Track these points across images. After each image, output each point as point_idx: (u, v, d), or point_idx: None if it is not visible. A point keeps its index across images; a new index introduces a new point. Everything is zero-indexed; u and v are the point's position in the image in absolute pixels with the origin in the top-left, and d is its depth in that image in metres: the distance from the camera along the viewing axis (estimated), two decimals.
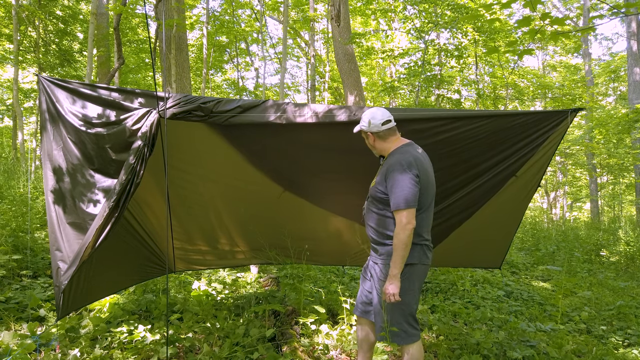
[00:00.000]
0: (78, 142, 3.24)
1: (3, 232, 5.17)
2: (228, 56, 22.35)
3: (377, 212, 2.93)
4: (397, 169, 2.77)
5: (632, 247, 9.23)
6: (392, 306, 2.78)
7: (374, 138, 2.96)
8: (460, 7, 13.04)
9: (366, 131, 2.96)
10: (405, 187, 2.72)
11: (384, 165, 2.92)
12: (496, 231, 4.25)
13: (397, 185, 2.74)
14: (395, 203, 2.73)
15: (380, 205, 2.91)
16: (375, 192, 2.93)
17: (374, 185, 2.96)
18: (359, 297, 3.13)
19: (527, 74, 19.43)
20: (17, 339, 3.32)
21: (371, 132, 2.94)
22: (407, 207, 2.70)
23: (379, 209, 2.91)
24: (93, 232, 2.97)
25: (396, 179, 2.75)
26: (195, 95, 3.49)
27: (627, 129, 13.26)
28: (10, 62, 14.70)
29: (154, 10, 9.13)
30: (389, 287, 2.70)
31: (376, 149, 3.02)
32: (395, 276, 2.70)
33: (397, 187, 2.74)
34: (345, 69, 11.20)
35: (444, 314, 4.93)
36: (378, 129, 2.92)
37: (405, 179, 2.73)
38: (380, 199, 2.89)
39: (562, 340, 4.25)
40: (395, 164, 2.80)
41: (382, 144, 2.97)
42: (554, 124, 3.41)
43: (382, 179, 2.87)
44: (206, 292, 4.63)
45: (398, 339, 2.82)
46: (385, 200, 2.86)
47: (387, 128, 2.93)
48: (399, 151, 2.91)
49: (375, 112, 2.96)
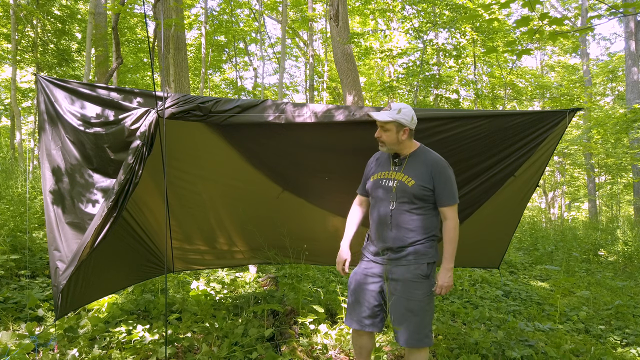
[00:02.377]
0: (77, 142, 3.23)
1: (1, 232, 5.16)
2: (226, 56, 22.35)
3: (416, 212, 2.83)
4: (445, 166, 2.86)
5: (630, 247, 9.25)
6: (424, 308, 2.77)
7: (408, 135, 2.90)
8: (458, 7, 13.06)
9: (406, 125, 2.85)
10: (453, 183, 2.85)
11: (418, 163, 2.87)
12: (495, 231, 4.26)
13: (450, 181, 2.84)
14: (451, 198, 2.82)
15: (421, 203, 2.83)
16: (419, 190, 2.81)
17: (415, 184, 2.82)
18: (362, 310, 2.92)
19: (526, 74, 19.49)
20: (16, 339, 3.32)
21: (410, 129, 2.89)
22: (456, 202, 2.85)
23: (419, 208, 2.84)
24: (92, 232, 2.96)
25: (449, 175, 2.84)
26: (193, 95, 3.49)
27: (625, 129, 13.28)
28: (8, 62, 14.67)
29: (153, 10, 9.12)
30: (447, 280, 2.77)
31: (400, 145, 2.91)
32: (451, 269, 2.78)
33: (450, 183, 2.83)
34: (344, 68, 11.20)
35: (442, 314, 4.94)
36: (415, 126, 2.92)
37: (452, 175, 2.86)
38: (423, 197, 2.83)
39: (561, 340, 4.26)
40: (441, 162, 2.87)
41: (409, 141, 2.93)
42: (553, 124, 3.41)
43: (427, 177, 2.82)
44: (205, 292, 4.63)
45: (427, 341, 2.80)
46: (429, 197, 2.83)
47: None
48: (428, 150, 2.96)
49: (411, 109, 2.94)
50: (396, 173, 2.91)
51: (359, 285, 2.96)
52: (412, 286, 2.76)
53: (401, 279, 2.80)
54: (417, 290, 2.77)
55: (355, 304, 2.96)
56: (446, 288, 2.78)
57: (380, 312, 2.91)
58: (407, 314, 2.76)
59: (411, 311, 2.75)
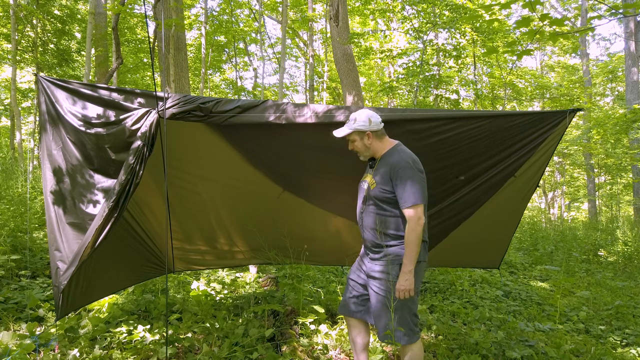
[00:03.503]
0: (77, 142, 3.23)
1: (2, 232, 5.16)
2: (226, 56, 22.35)
3: (383, 214, 2.89)
4: (405, 166, 2.79)
5: (630, 247, 9.26)
6: (400, 305, 2.78)
7: (373, 138, 2.94)
8: (458, 7, 13.06)
9: (365, 130, 2.92)
10: (416, 184, 2.76)
11: (383, 166, 2.91)
12: (495, 231, 4.26)
13: (409, 182, 2.76)
14: (409, 200, 2.74)
15: (384, 205, 2.88)
16: (379, 192, 2.88)
17: (376, 187, 2.90)
18: (348, 296, 3.11)
19: (525, 74, 19.49)
20: (17, 339, 3.32)
21: (372, 131, 2.92)
22: (419, 203, 2.74)
23: (385, 210, 2.88)
24: (92, 232, 2.97)
25: (407, 176, 2.77)
26: (194, 95, 3.50)
27: (625, 129, 13.28)
28: (8, 62, 14.66)
29: (153, 10, 9.12)
30: (404, 283, 2.73)
31: (370, 150, 2.98)
32: (410, 272, 2.73)
33: (408, 184, 2.75)
34: (344, 69, 11.20)
35: (442, 314, 4.94)
36: (378, 127, 2.94)
37: (415, 176, 2.77)
38: (385, 199, 2.87)
39: (561, 340, 4.27)
40: (400, 162, 2.82)
41: (378, 143, 2.97)
42: (553, 124, 3.42)
43: (386, 178, 2.85)
44: (205, 292, 4.63)
45: (405, 339, 2.81)
46: (391, 199, 2.84)
47: (383, 127, 2.98)
48: (397, 150, 2.92)
49: (371, 112, 2.97)
50: (369, 175, 3.01)
51: (350, 274, 3.16)
52: (386, 284, 2.83)
53: (377, 277, 2.89)
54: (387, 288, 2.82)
55: (345, 291, 3.16)
56: (403, 292, 2.74)
57: (367, 302, 3.03)
58: (384, 310, 2.83)
59: (385, 307, 2.82)
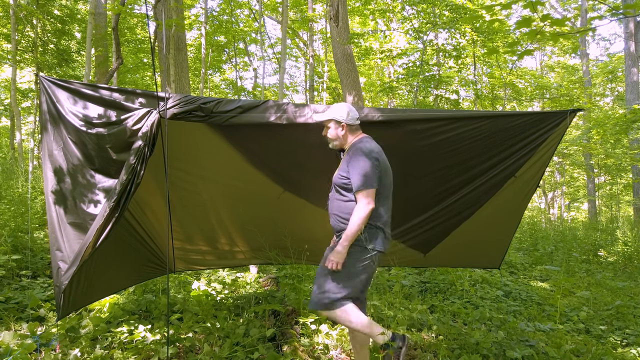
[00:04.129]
0: (79, 142, 3.24)
1: (2, 232, 5.17)
2: (226, 56, 22.35)
3: (342, 200, 3.06)
4: (358, 154, 2.97)
5: (630, 247, 9.26)
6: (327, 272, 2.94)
7: (347, 130, 3.11)
8: (458, 7, 13.05)
9: (342, 121, 3.08)
10: (365, 169, 2.90)
11: (347, 155, 3.07)
12: (495, 231, 4.27)
13: (358, 167, 2.92)
14: (357, 184, 2.91)
15: (344, 191, 3.04)
16: (338, 179, 3.07)
17: (337, 173, 3.10)
18: None
19: (525, 75, 19.48)
20: (18, 339, 3.32)
21: (347, 124, 3.10)
22: (367, 187, 2.89)
23: (343, 196, 3.05)
24: (94, 232, 2.97)
25: (358, 163, 2.94)
26: (195, 95, 3.50)
27: (625, 130, 13.28)
28: (8, 62, 14.67)
29: (153, 10, 9.12)
30: (335, 256, 2.89)
31: (340, 140, 3.15)
32: (344, 247, 2.88)
33: (358, 169, 2.92)
34: (344, 69, 11.20)
35: (443, 314, 4.95)
36: (354, 122, 3.12)
37: (365, 162, 2.92)
38: (343, 186, 3.03)
39: (561, 340, 4.27)
40: (356, 151, 2.99)
41: (349, 136, 3.14)
42: (553, 124, 3.43)
43: (345, 166, 3.03)
44: (206, 292, 4.63)
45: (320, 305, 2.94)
46: (348, 186, 3.00)
47: (358, 124, 3.15)
48: (360, 141, 3.09)
49: (351, 106, 3.16)
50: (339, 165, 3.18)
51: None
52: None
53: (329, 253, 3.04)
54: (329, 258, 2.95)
55: None
56: (331, 263, 2.90)
57: None
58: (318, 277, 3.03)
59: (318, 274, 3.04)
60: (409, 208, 4.08)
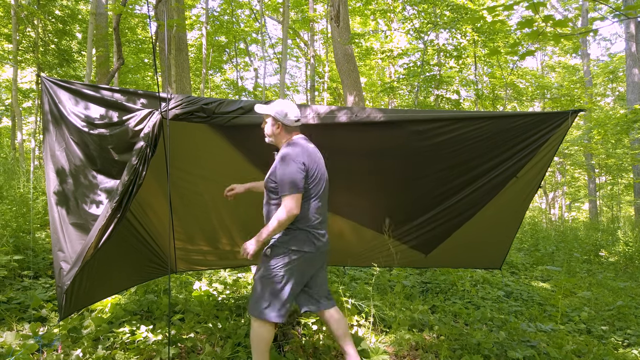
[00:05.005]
0: (80, 143, 3.24)
1: (4, 232, 5.17)
2: (227, 56, 22.37)
3: (272, 204, 3.08)
4: (284, 158, 2.97)
5: (631, 248, 9.26)
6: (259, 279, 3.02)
7: (282, 129, 3.09)
8: (459, 7, 13.05)
9: (278, 120, 3.07)
10: (290, 174, 2.90)
11: (276, 158, 3.08)
12: (497, 232, 4.27)
13: (283, 172, 2.92)
14: (282, 189, 2.92)
15: (273, 195, 3.05)
16: (268, 183, 3.09)
17: (267, 177, 3.12)
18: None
19: (526, 75, 19.49)
20: (20, 340, 3.33)
21: (283, 124, 3.08)
22: (291, 192, 2.89)
23: (273, 199, 3.06)
24: (96, 233, 2.98)
25: (283, 167, 2.94)
26: (197, 96, 3.51)
27: (626, 130, 13.26)
28: (9, 62, 14.68)
29: (154, 11, 9.13)
30: (248, 245, 2.98)
31: (275, 138, 3.14)
32: (259, 241, 2.97)
33: (284, 174, 2.92)
34: (345, 69, 11.21)
35: (444, 314, 4.95)
36: (290, 124, 3.09)
37: (290, 166, 2.91)
38: (272, 189, 3.05)
39: (563, 341, 4.27)
40: (284, 155, 2.99)
41: (284, 135, 3.11)
42: (555, 125, 3.42)
43: (273, 169, 3.04)
44: (207, 293, 4.63)
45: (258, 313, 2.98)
46: (275, 189, 3.02)
47: (296, 125, 3.12)
48: (290, 144, 3.07)
49: (293, 107, 3.11)
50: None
51: None
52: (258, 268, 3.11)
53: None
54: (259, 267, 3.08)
55: None
56: (243, 250, 3.00)
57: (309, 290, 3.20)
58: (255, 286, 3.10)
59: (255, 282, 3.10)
60: (411, 209, 4.09)
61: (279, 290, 2.99)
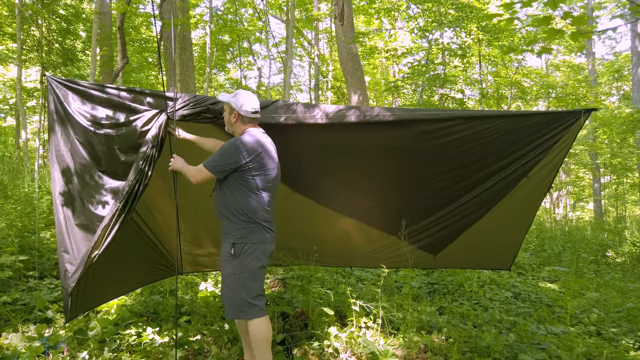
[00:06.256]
0: (86, 143, 3.20)
1: (10, 232, 5.14)
2: (231, 55, 22.35)
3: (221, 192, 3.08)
4: (229, 142, 3.02)
5: (638, 248, 9.18)
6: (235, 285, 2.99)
7: (238, 119, 3.10)
8: (464, 6, 12.97)
9: (234, 109, 3.07)
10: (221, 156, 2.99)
11: None
12: (507, 232, 4.21)
13: (221, 152, 3.02)
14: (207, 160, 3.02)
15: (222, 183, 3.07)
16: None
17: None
18: None
19: (531, 74, 19.36)
20: (25, 341, 3.30)
21: (239, 114, 3.08)
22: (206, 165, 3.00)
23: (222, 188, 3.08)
24: (100, 233, 2.94)
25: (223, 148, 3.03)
26: (203, 95, 3.47)
27: (631, 129, 13.19)
28: (14, 61, 14.68)
29: (159, 9, 9.09)
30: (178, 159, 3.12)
31: (232, 127, 3.15)
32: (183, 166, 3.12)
33: (219, 153, 3.02)
34: (349, 68, 11.15)
35: (452, 316, 4.89)
36: (247, 115, 3.07)
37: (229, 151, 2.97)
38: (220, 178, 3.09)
39: (573, 343, 4.21)
40: (231, 140, 3.03)
41: (240, 126, 3.11)
42: (567, 124, 3.37)
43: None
44: (213, 294, 4.60)
45: (245, 313, 2.98)
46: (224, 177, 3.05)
47: (253, 117, 3.10)
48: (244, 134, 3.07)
49: (252, 99, 3.10)
50: None
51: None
52: (224, 264, 3.06)
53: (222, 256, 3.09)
54: (227, 269, 3.03)
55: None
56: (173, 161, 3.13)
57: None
58: (224, 289, 3.08)
59: (226, 287, 3.06)
60: (420, 209, 4.04)
61: (258, 283, 3.02)
